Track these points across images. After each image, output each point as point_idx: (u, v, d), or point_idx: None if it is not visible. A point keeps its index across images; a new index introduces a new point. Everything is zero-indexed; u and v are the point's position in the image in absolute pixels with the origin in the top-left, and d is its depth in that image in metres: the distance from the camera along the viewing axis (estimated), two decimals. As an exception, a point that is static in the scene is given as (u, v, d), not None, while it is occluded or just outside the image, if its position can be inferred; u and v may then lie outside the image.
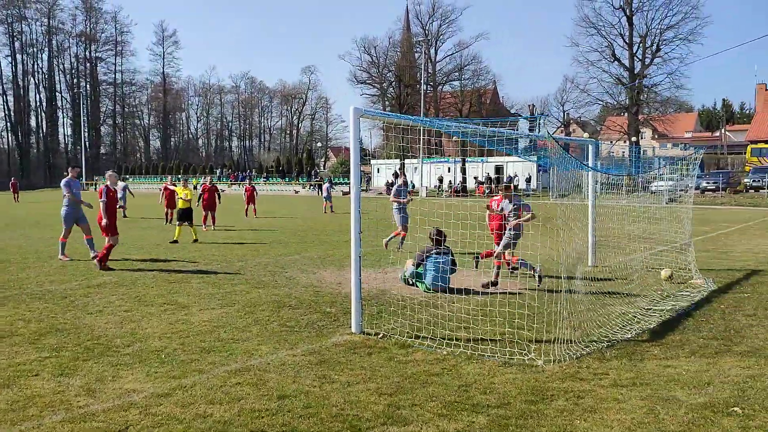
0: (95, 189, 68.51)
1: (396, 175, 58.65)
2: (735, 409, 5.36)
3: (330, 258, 14.79)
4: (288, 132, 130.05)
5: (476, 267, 12.35)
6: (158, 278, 11.72)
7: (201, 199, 22.50)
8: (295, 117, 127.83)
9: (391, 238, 15.63)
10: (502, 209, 11.07)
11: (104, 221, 12.84)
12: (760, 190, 46.60)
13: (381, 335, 7.70)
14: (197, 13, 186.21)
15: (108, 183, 13.40)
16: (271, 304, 9.51)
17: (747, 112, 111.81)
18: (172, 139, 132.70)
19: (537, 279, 10.78)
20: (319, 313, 8.90)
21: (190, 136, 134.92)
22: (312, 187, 72.26)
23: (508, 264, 11.14)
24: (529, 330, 7.69)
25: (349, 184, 70.69)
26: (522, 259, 11.12)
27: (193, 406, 5.44)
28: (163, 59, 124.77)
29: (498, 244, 11.16)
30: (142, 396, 5.65)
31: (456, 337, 7.52)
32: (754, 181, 49.11)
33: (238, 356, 6.85)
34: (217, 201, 22.86)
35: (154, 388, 5.84)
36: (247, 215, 28.60)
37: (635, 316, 8.75)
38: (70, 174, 14.40)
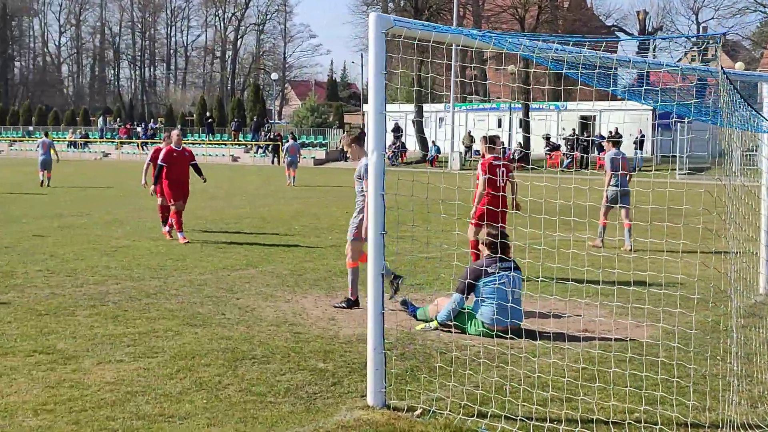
0: None
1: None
2: None
3: (310, 273, 14.81)
4: (218, 55, 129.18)
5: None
6: (18, 306, 11.70)
7: None
8: (230, 29, 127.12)
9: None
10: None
11: None
12: None
13: (419, 412, 7.65)
14: None
15: None
16: (221, 354, 9.46)
17: None
18: (17, 63, 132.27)
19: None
20: (306, 371, 8.86)
21: (48, 58, 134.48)
22: (263, 150, 72.10)
23: None
24: (677, 405, 7.63)
25: (322, 145, 70.57)
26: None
27: None
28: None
29: None
30: None
31: (550, 417, 7.47)
32: None
33: (174, 446, 6.81)
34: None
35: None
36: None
37: None
38: None
